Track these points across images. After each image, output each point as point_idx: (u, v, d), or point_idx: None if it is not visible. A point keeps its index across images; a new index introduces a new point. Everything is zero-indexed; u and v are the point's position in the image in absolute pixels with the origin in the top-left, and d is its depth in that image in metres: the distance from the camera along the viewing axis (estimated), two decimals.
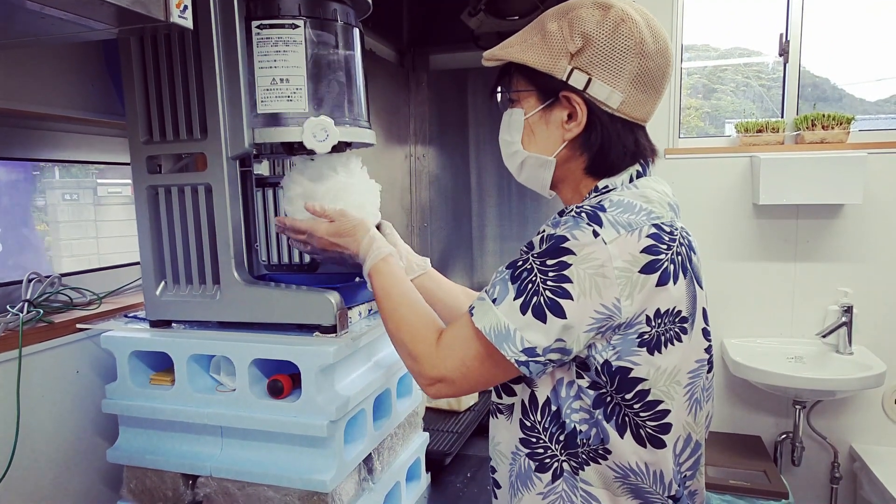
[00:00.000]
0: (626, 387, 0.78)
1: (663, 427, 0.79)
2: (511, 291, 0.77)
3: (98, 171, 1.53)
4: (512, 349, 0.76)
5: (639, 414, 0.79)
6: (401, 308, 0.90)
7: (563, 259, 0.75)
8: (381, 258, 0.95)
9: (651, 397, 0.78)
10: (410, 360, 0.86)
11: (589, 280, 0.74)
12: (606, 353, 0.77)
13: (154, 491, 1.03)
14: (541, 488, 0.84)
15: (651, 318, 0.76)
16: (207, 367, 1.03)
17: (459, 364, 0.81)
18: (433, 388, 0.84)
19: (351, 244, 0.98)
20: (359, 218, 1.00)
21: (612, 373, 0.77)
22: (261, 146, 1.00)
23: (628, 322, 0.75)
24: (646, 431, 0.79)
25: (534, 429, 0.84)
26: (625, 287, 0.74)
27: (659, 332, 0.77)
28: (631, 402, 0.78)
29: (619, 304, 0.74)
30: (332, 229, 0.99)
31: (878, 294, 2.54)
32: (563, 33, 0.83)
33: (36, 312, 1.06)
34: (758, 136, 2.61)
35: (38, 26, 0.75)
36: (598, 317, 0.75)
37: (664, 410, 0.79)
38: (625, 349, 0.76)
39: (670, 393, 0.79)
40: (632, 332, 0.76)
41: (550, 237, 0.77)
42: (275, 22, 0.96)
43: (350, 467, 0.99)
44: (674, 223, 0.80)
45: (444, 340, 0.84)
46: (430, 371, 0.83)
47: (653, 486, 0.81)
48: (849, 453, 2.62)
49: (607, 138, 0.85)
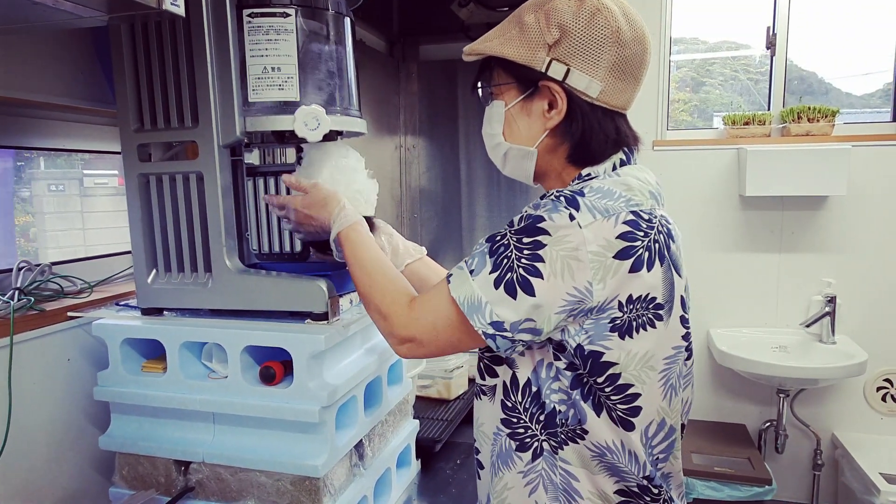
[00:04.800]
0: (598, 370, 0.79)
1: (633, 410, 0.81)
2: (488, 265, 0.79)
3: (84, 161, 1.52)
4: (481, 321, 0.78)
5: (610, 397, 0.80)
6: (373, 272, 0.92)
7: (538, 238, 0.77)
8: (348, 225, 0.96)
9: (622, 381, 0.80)
10: (382, 319, 0.88)
11: (561, 262, 0.75)
12: (579, 338, 0.78)
13: (146, 477, 1.04)
14: (521, 467, 0.86)
15: (623, 304, 0.78)
16: (199, 355, 1.04)
17: (430, 327, 0.84)
18: (403, 346, 0.86)
19: (323, 214, 0.99)
20: (331, 190, 1.02)
21: (585, 356, 0.79)
22: (252, 135, 1.01)
23: (600, 306, 0.77)
24: (616, 414, 0.81)
25: (514, 409, 0.86)
26: (597, 271, 0.76)
27: (631, 317, 0.78)
28: (602, 384, 0.80)
29: (591, 288, 0.76)
30: (305, 201, 1.00)
31: (861, 284, 2.59)
32: (540, 25, 0.84)
33: (27, 300, 1.06)
34: (745, 128, 2.64)
35: (28, 12, 0.75)
36: (570, 299, 0.76)
37: (634, 394, 0.81)
38: (597, 333, 0.78)
39: (641, 377, 0.81)
40: (604, 317, 0.78)
41: (529, 216, 0.78)
42: (266, 10, 0.96)
43: (341, 453, 1.00)
44: (653, 211, 0.81)
45: (419, 303, 0.86)
46: (401, 331, 0.86)
47: (628, 466, 0.82)
48: (831, 441, 2.67)
49: (588, 127, 0.86)
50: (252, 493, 0.98)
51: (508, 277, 0.77)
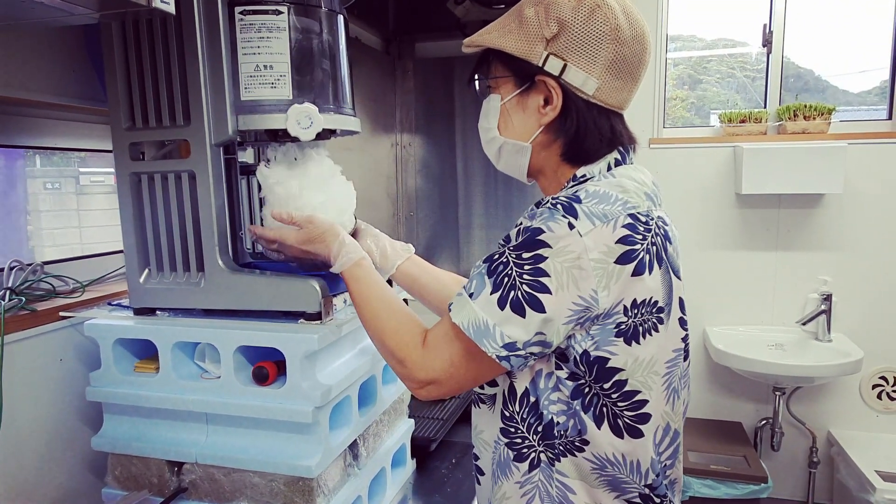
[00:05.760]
0: (604, 377, 0.78)
1: (641, 417, 0.80)
2: (488, 286, 0.78)
3: (80, 159, 1.52)
4: (492, 344, 0.76)
5: (616, 404, 0.79)
6: (381, 314, 0.89)
7: (538, 252, 0.75)
8: (353, 263, 0.94)
9: (629, 387, 0.79)
10: (399, 365, 0.85)
11: (566, 273, 0.74)
12: (585, 343, 0.77)
13: (139, 478, 1.03)
14: (518, 477, 0.85)
15: (628, 308, 0.77)
16: (192, 355, 1.03)
17: (448, 364, 0.81)
18: (423, 390, 0.83)
19: (322, 250, 0.96)
20: (328, 222, 0.98)
21: (591, 362, 0.78)
22: (245, 133, 1.00)
23: (606, 312, 0.76)
24: (623, 422, 0.80)
25: (512, 419, 0.85)
26: (601, 278, 0.75)
27: (636, 322, 0.78)
28: (609, 391, 0.79)
29: (597, 296, 0.75)
30: (301, 237, 0.97)
31: (857, 282, 2.59)
32: (539, 19, 0.83)
33: (18, 300, 1.05)
34: (741, 126, 2.64)
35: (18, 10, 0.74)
36: (577, 308, 0.75)
37: (642, 401, 0.80)
38: (603, 339, 0.77)
39: (648, 384, 0.80)
40: (610, 323, 0.77)
41: (526, 230, 0.77)
42: (258, 8, 0.95)
43: (335, 453, 0.99)
44: (650, 213, 0.80)
45: (430, 341, 0.83)
46: (420, 374, 0.82)
47: (630, 476, 0.82)
48: (827, 438, 2.67)
49: (583, 124, 0.85)
50: (245, 493, 0.97)
51: (513, 296, 0.75)
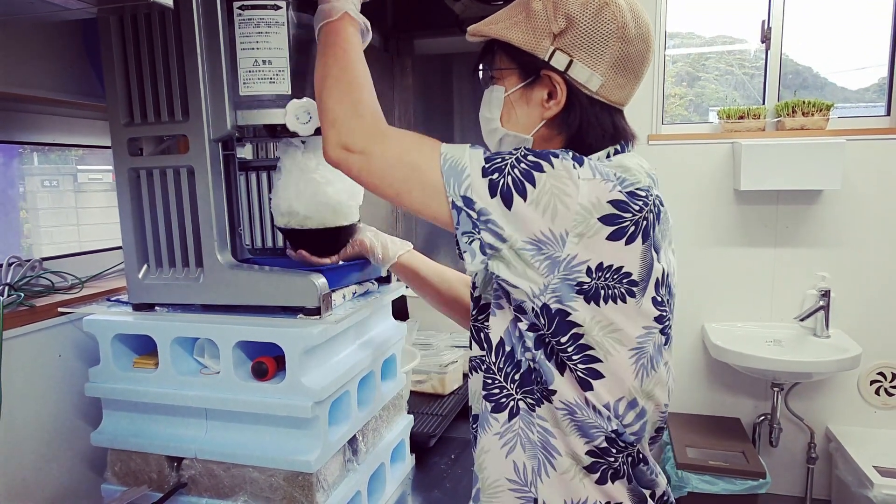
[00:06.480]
0: (562, 329, 0.78)
1: (591, 372, 0.80)
2: (485, 153, 0.79)
3: (78, 157, 1.51)
4: (455, 189, 0.77)
5: (571, 357, 0.80)
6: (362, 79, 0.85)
7: (540, 162, 0.76)
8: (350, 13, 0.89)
9: (583, 341, 0.79)
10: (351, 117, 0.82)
11: (549, 196, 0.75)
12: (545, 297, 0.77)
13: (139, 473, 1.03)
14: (498, 428, 0.86)
15: (592, 270, 0.76)
16: (191, 350, 1.03)
17: (394, 159, 0.80)
18: (351, 155, 0.81)
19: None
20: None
21: (552, 315, 0.78)
22: (244, 129, 1.00)
23: (567, 261, 0.76)
24: (577, 375, 0.80)
25: (489, 370, 0.86)
26: (578, 224, 0.75)
27: (599, 285, 0.77)
28: (564, 345, 0.79)
29: (566, 238, 0.75)
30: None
31: (855, 278, 2.59)
32: (548, 13, 0.83)
33: (17, 296, 1.05)
34: (739, 122, 2.64)
35: (16, 5, 0.74)
36: (542, 238, 0.75)
37: (593, 357, 0.79)
38: (564, 294, 0.77)
39: (605, 346, 0.79)
40: (571, 279, 0.76)
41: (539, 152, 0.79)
42: (257, 3, 0.95)
43: (334, 448, 0.99)
44: (650, 189, 0.80)
45: (394, 130, 0.82)
46: (358, 140, 0.80)
47: (595, 420, 0.81)
48: (825, 434, 2.68)
49: (586, 120, 0.86)
50: (245, 488, 0.98)
51: (496, 176, 0.77)
